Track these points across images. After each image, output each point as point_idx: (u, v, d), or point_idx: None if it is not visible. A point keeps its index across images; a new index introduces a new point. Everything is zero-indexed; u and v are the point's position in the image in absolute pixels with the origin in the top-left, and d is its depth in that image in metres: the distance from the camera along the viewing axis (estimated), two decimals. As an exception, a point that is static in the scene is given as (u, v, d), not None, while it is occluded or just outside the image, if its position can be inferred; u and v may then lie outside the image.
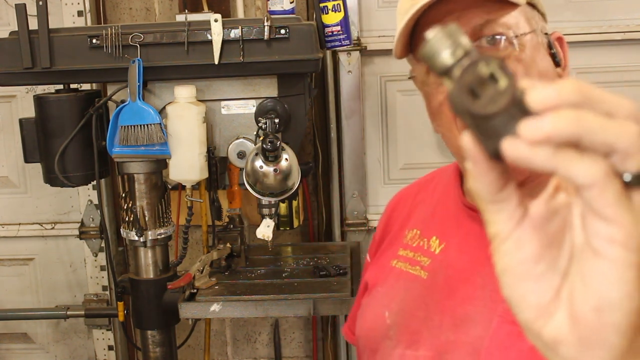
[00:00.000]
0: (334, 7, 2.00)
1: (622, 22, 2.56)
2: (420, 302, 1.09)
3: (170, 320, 2.02)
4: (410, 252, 1.16)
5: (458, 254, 1.09)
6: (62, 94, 1.96)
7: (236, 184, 2.14)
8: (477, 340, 0.99)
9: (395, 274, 1.16)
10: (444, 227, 1.14)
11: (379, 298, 1.17)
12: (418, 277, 1.12)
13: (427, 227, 1.17)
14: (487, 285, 1.02)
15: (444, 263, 1.10)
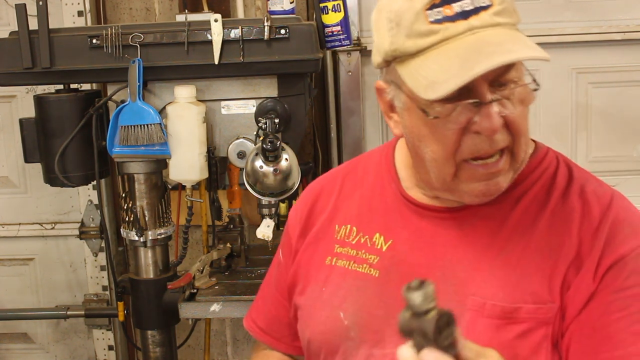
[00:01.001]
0: (334, 7, 2.00)
1: (622, 22, 2.55)
2: (377, 300, 1.10)
3: (170, 320, 2.02)
4: (351, 249, 1.15)
5: (410, 250, 1.10)
6: (62, 94, 1.96)
7: (236, 184, 2.14)
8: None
9: (339, 273, 1.15)
10: (387, 222, 1.14)
11: (326, 299, 1.15)
12: (369, 276, 1.12)
13: (366, 223, 1.16)
14: (448, 279, 1.05)
15: (395, 259, 1.10)
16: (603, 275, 0.99)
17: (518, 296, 1.01)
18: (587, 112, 2.62)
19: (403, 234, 1.12)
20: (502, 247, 1.05)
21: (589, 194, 1.06)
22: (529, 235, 1.05)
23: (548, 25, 2.56)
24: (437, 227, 1.10)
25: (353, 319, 1.11)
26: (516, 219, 1.07)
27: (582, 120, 2.61)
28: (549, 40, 2.55)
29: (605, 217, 1.04)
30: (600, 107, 2.63)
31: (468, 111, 0.98)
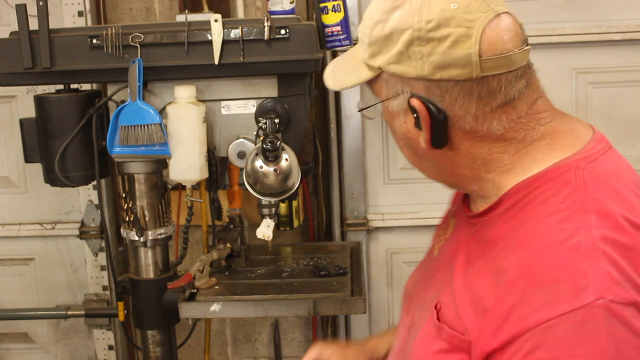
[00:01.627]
0: (334, 7, 2.00)
1: (622, 22, 2.56)
2: (424, 276, 1.26)
3: (170, 320, 2.02)
4: (443, 227, 1.29)
5: (449, 245, 1.20)
6: (62, 94, 1.96)
7: (236, 184, 2.14)
8: (418, 326, 1.15)
9: (432, 245, 1.32)
10: (458, 212, 1.23)
11: (417, 267, 1.36)
12: (433, 253, 1.27)
13: (455, 214, 1.26)
14: (442, 279, 1.14)
15: (444, 247, 1.23)
16: (508, 341, 0.93)
17: (447, 318, 1.06)
18: (587, 112, 2.62)
19: (456, 228, 1.21)
20: (471, 261, 1.08)
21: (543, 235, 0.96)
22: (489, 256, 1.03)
23: (548, 25, 2.56)
24: (465, 227, 1.17)
25: (409, 287, 1.32)
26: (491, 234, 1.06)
27: (581, 120, 2.61)
28: (549, 40, 2.55)
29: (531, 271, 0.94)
30: (600, 107, 2.64)
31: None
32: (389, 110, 1.09)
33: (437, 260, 1.21)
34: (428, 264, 1.26)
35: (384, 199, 2.75)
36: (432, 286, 1.17)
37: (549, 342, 0.88)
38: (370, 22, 1.06)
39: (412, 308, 1.22)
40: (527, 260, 0.95)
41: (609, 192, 0.98)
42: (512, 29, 1.02)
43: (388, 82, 1.06)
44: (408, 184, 2.70)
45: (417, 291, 1.23)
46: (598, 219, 0.94)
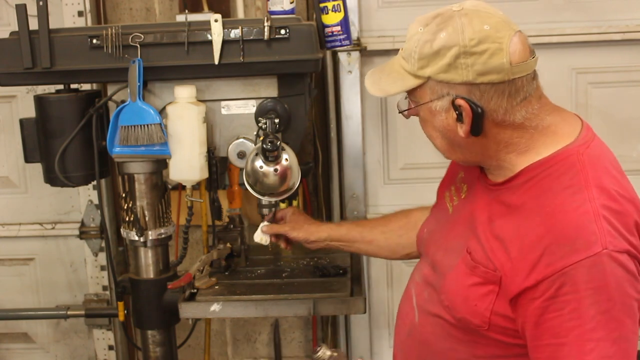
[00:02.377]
0: (334, 7, 2.00)
1: (622, 22, 2.56)
2: (440, 228, 1.58)
3: (170, 320, 2.02)
4: (454, 190, 1.59)
5: (468, 203, 1.50)
6: (62, 94, 1.96)
7: (236, 184, 2.14)
8: (449, 266, 1.47)
9: (442, 203, 1.63)
10: (472, 180, 1.52)
11: (429, 217, 1.69)
12: (447, 211, 1.58)
13: (467, 175, 1.56)
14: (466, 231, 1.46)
15: (461, 205, 1.53)
16: (539, 281, 1.27)
17: (478, 259, 1.39)
18: (587, 112, 2.62)
19: (471, 190, 1.51)
20: (494, 220, 1.40)
21: (561, 205, 1.31)
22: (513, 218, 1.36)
23: (548, 25, 2.56)
24: (483, 193, 1.46)
25: (427, 235, 1.64)
26: (512, 204, 1.38)
27: (582, 120, 2.61)
28: (549, 40, 2.55)
29: (555, 230, 1.29)
30: (600, 107, 2.64)
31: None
32: (431, 109, 1.38)
33: (455, 215, 1.54)
34: (444, 217, 1.58)
35: (384, 199, 2.75)
36: (455, 236, 1.49)
37: (571, 280, 1.25)
38: (418, 42, 1.35)
39: (432, 250, 1.57)
40: (550, 222, 1.29)
41: (602, 172, 1.34)
42: (525, 42, 1.35)
43: (433, 88, 1.36)
44: (408, 184, 2.70)
45: (436, 238, 1.57)
46: (597, 192, 1.30)
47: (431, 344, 1.52)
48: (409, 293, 1.63)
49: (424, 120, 1.43)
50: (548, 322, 1.28)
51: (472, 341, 1.43)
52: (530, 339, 1.32)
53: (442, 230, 1.57)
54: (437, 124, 1.40)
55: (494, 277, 1.36)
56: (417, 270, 1.64)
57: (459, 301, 1.42)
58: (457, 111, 1.35)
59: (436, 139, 1.44)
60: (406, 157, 2.72)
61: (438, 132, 1.42)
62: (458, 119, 1.36)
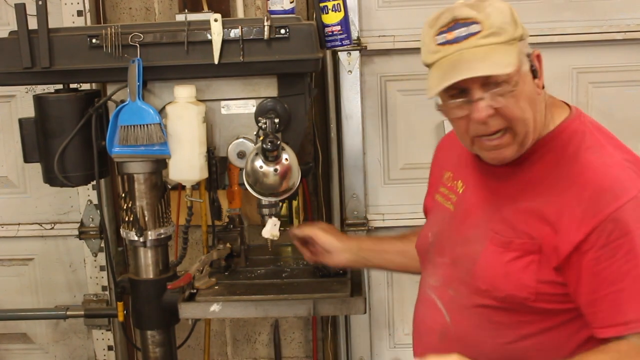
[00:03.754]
0: (334, 7, 2.00)
1: (622, 22, 2.55)
2: (447, 226, 1.59)
3: (170, 320, 2.02)
4: (446, 190, 1.63)
5: (472, 195, 1.55)
6: (61, 94, 1.95)
7: (236, 184, 2.13)
8: (475, 253, 1.48)
9: (437, 206, 1.65)
10: (466, 174, 1.58)
11: (427, 224, 1.70)
12: (448, 209, 1.61)
13: (456, 172, 1.61)
14: (484, 217, 1.49)
15: (463, 200, 1.57)
16: (589, 232, 1.33)
17: (509, 235, 1.43)
18: (588, 112, 2.59)
19: (472, 183, 1.56)
20: (516, 197, 1.45)
21: (589, 162, 1.39)
22: (537, 190, 1.43)
23: (548, 25, 2.56)
24: (490, 179, 1.51)
25: (433, 238, 1.62)
26: (532, 177, 1.44)
27: (582, 120, 2.61)
28: (550, 39, 2.55)
29: (591, 184, 1.36)
30: (601, 107, 2.63)
31: (466, 106, 1.39)
32: (521, 73, 1.37)
33: (460, 210, 1.57)
34: (447, 216, 1.60)
35: (384, 199, 2.75)
36: (470, 226, 1.52)
37: (619, 224, 1.32)
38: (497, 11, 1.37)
39: (448, 248, 1.56)
40: (582, 179, 1.38)
41: (607, 134, 1.49)
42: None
43: (522, 49, 1.38)
44: (408, 184, 2.70)
45: (447, 236, 1.58)
46: (613, 149, 1.44)
47: (472, 337, 1.51)
48: (429, 299, 1.59)
49: (520, 92, 1.38)
50: (604, 272, 1.33)
51: (517, 322, 1.44)
52: (587, 294, 1.35)
53: (451, 227, 1.58)
54: (528, 89, 1.39)
55: (533, 246, 1.40)
56: (430, 276, 1.62)
57: (499, 280, 1.43)
58: (533, 66, 1.39)
59: (524, 110, 1.39)
60: (406, 157, 2.71)
61: (526, 100, 1.39)
62: (534, 76, 1.40)
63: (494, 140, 1.41)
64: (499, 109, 1.37)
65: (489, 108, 1.36)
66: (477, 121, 1.38)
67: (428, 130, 2.66)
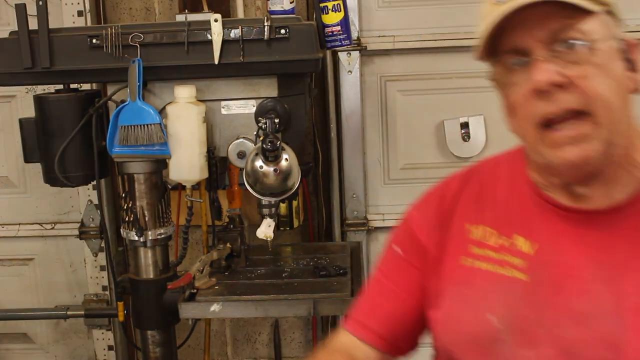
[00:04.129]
0: (334, 7, 2.00)
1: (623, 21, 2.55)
2: (527, 303, 1.11)
3: (170, 320, 2.02)
4: (492, 251, 1.16)
5: (558, 253, 1.10)
6: (62, 94, 1.96)
7: (236, 184, 2.13)
8: (610, 335, 1.03)
9: (483, 276, 1.16)
10: (529, 225, 1.14)
11: (472, 301, 1.16)
12: (516, 280, 1.12)
13: (505, 226, 1.17)
14: (597, 280, 1.06)
15: (543, 263, 1.11)
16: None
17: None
18: (587, 112, 2.62)
19: (548, 237, 1.12)
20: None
21: None
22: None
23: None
24: (582, 229, 1.10)
25: (504, 322, 1.12)
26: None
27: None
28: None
29: None
30: (601, 107, 2.63)
31: (526, 74, 1.02)
32: (607, 47, 1.04)
33: (548, 277, 1.10)
34: (518, 291, 1.12)
35: (384, 199, 2.75)
36: (578, 297, 1.07)
37: None
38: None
39: (543, 334, 1.10)
40: None
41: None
42: None
43: (607, 23, 1.07)
44: (408, 184, 2.70)
45: (537, 316, 1.10)
46: None
47: None
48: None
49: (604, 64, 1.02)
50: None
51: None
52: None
53: (535, 302, 1.11)
54: (616, 70, 1.04)
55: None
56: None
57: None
58: (627, 57, 1.06)
59: (613, 92, 1.02)
60: (406, 157, 2.71)
61: (617, 84, 1.03)
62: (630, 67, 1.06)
63: (565, 130, 1.01)
64: (574, 78, 1.00)
65: (557, 74, 1.00)
66: (539, 85, 1.00)
67: (428, 130, 2.66)
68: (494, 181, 1.22)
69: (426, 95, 2.63)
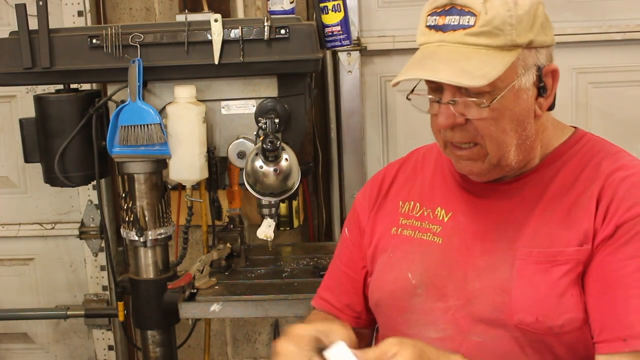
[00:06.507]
0: (334, 7, 2.00)
1: (622, 22, 2.55)
2: (440, 262, 1.30)
3: (170, 320, 2.02)
4: (416, 221, 1.36)
5: (468, 220, 1.31)
6: (62, 94, 1.96)
7: (236, 184, 2.14)
8: (503, 282, 1.22)
9: (406, 240, 1.36)
10: (447, 199, 1.35)
11: (395, 263, 1.35)
12: (433, 242, 1.33)
13: (428, 200, 1.38)
14: (501, 240, 1.25)
15: (456, 228, 1.31)
16: (614, 229, 1.17)
17: (559, 243, 1.21)
18: (587, 112, 2.62)
19: (461, 207, 1.33)
20: (545, 208, 1.25)
21: (614, 167, 1.23)
22: (566, 198, 1.24)
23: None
24: (490, 199, 1.30)
25: (420, 279, 1.31)
26: (557, 186, 1.26)
27: (582, 120, 2.61)
28: (549, 40, 2.55)
29: (623, 184, 1.20)
30: (600, 107, 2.63)
31: (437, 106, 1.22)
32: (518, 90, 1.19)
33: (458, 240, 1.30)
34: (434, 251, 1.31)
35: (384, 199, 2.75)
36: (482, 254, 1.26)
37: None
38: (506, 7, 1.15)
39: (452, 288, 1.27)
40: (620, 176, 1.22)
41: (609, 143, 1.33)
42: None
43: (525, 59, 1.19)
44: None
45: (447, 273, 1.28)
46: (628, 154, 1.29)
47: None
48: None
49: (502, 110, 1.18)
50: (615, 272, 1.16)
51: (576, 355, 1.21)
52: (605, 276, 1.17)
53: (449, 262, 1.29)
54: (518, 108, 1.20)
55: (586, 253, 1.19)
56: (424, 328, 1.29)
57: (552, 304, 1.18)
58: (542, 83, 1.22)
59: (507, 133, 1.20)
60: (406, 157, 2.71)
61: (513, 122, 1.20)
62: (540, 94, 1.22)
63: (462, 150, 1.24)
64: (472, 120, 1.19)
65: (458, 116, 1.19)
66: (441, 127, 1.21)
67: (428, 130, 2.64)
68: (424, 164, 1.44)
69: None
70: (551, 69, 1.24)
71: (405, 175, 1.45)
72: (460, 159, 1.26)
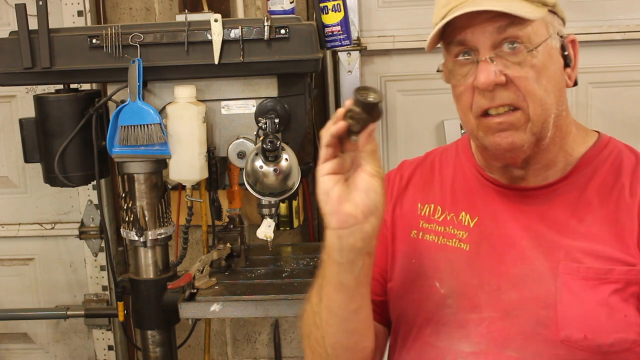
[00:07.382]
0: (334, 7, 2.00)
1: (622, 22, 2.55)
2: (470, 270, 1.23)
3: (170, 320, 2.02)
4: (438, 225, 1.29)
5: (496, 225, 1.24)
6: (62, 94, 1.96)
7: (236, 184, 2.14)
8: (546, 294, 1.15)
9: (429, 246, 1.28)
10: (471, 202, 1.28)
11: (419, 271, 1.28)
12: (459, 249, 1.25)
13: (450, 203, 1.30)
14: (536, 247, 1.19)
15: (483, 234, 1.24)
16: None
17: (607, 260, 1.15)
18: (588, 112, 2.62)
19: (488, 211, 1.26)
20: (582, 218, 1.19)
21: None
22: (605, 209, 1.19)
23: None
24: (519, 204, 1.24)
25: (450, 288, 1.23)
26: (592, 194, 1.21)
27: (582, 120, 2.58)
28: (549, 40, 2.55)
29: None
30: (601, 107, 2.63)
31: (472, 69, 1.15)
32: (550, 50, 1.16)
33: (487, 246, 1.23)
34: (461, 257, 1.24)
35: (384, 199, 2.74)
36: (515, 263, 1.19)
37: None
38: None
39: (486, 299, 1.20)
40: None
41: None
42: None
43: (549, 23, 1.17)
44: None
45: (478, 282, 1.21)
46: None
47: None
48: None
49: (542, 65, 1.15)
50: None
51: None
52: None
53: (478, 269, 1.23)
54: (554, 67, 1.17)
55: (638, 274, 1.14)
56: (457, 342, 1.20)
57: (602, 321, 1.12)
58: (565, 52, 1.18)
59: (549, 92, 1.16)
60: (406, 156, 2.69)
61: (553, 83, 1.16)
62: (566, 63, 1.19)
63: (502, 116, 1.15)
64: (513, 78, 1.13)
65: (499, 74, 1.12)
66: (481, 86, 1.13)
67: (428, 130, 2.66)
68: (442, 165, 1.38)
69: (426, 95, 2.63)
70: (571, 39, 1.21)
71: (424, 176, 1.38)
72: (499, 130, 1.16)
